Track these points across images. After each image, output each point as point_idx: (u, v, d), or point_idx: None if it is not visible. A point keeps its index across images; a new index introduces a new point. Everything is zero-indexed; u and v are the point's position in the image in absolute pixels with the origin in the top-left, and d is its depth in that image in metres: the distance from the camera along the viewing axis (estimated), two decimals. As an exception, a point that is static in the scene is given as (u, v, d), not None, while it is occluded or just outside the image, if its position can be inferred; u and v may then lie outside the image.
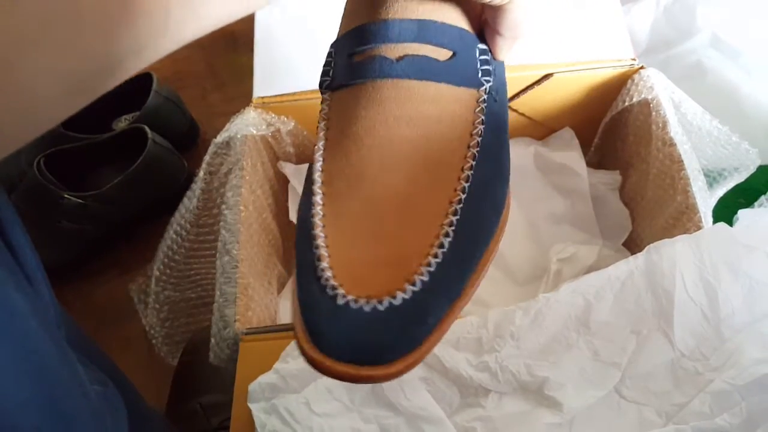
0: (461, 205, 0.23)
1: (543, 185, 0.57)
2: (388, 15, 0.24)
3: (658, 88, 0.50)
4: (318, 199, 0.24)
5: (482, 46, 0.25)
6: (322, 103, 0.27)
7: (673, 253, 0.37)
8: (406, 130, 0.24)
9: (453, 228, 0.22)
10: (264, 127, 0.53)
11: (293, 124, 0.55)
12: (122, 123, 0.77)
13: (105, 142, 0.71)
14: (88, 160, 0.71)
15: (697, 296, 0.36)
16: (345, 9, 0.27)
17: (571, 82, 0.53)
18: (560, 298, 0.37)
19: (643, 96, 0.50)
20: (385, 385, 0.36)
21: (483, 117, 0.24)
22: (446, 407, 0.36)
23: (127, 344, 0.65)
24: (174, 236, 0.54)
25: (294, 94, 0.53)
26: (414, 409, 0.35)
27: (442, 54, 0.24)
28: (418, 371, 0.37)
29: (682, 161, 0.46)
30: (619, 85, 0.53)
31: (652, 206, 0.50)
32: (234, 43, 0.89)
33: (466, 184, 0.23)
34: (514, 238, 0.56)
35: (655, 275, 0.37)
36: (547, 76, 0.52)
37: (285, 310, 0.53)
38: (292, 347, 0.39)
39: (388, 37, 0.24)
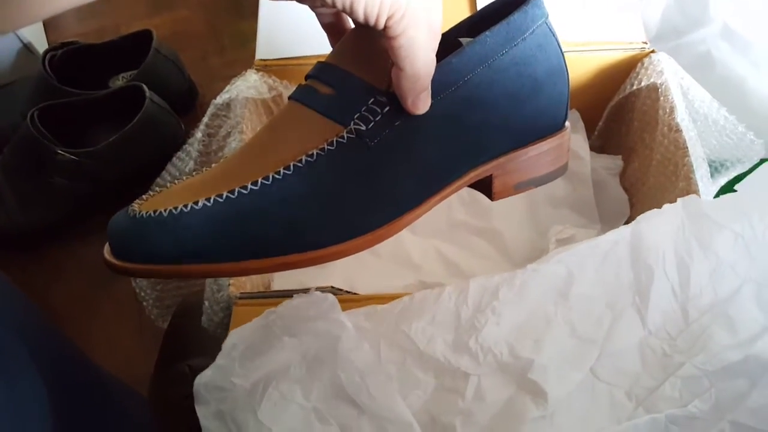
0: (244, 192, 0.27)
1: (545, 167, 0.57)
2: (325, 59, 0.31)
3: (667, 73, 0.49)
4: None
5: (382, 99, 0.28)
6: None
7: (661, 225, 0.36)
8: (267, 131, 0.31)
9: (219, 201, 0.27)
10: (265, 90, 0.52)
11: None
12: (119, 81, 0.76)
13: (101, 99, 0.69)
14: (83, 116, 0.69)
15: (670, 272, 0.35)
16: None
17: (581, 63, 0.52)
18: (545, 268, 0.36)
19: (652, 80, 0.50)
20: (346, 380, 0.33)
21: (328, 147, 0.28)
22: (420, 394, 0.34)
23: (118, 306, 0.64)
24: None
25: (297, 58, 0.52)
26: (378, 408, 0.32)
27: (326, 89, 0.29)
28: (388, 353, 0.35)
29: (686, 148, 0.45)
30: (628, 68, 0.52)
31: (653, 192, 0.50)
32: (237, 6, 0.87)
33: (260, 181, 0.27)
34: (513, 219, 0.55)
35: (640, 248, 0.36)
36: (556, 55, 0.51)
37: (279, 277, 0.53)
38: (235, 336, 0.35)
39: (309, 73, 0.31)
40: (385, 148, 0.29)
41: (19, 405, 0.30)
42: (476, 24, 0.33)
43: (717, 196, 0.54)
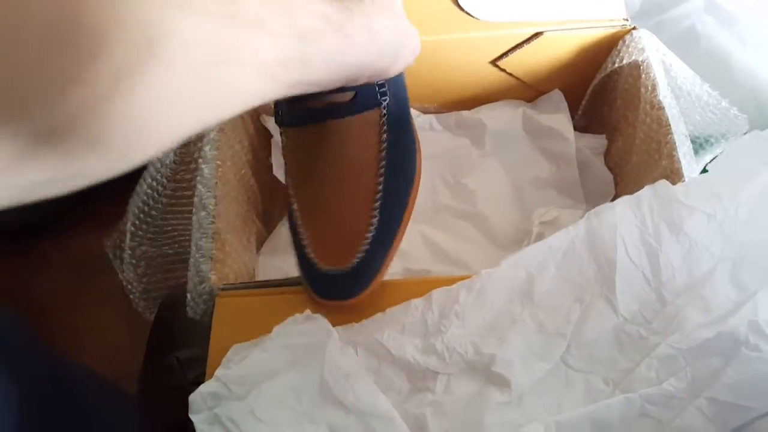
0: (381, 194, 0.37)
1: (530, 149, 0.57)
2: None
3: (649, 50, 0.49)
4: (295, 207, 0.40)
5: (382, 82, 0.37)
6: (281, 135, 0.41)
7: (613, 218, 0.36)
8: (336, 157, 0.37)
9: (378, 211, 0.37)
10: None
11: (275, 77, 0.53)
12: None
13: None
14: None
15: (638, 259, 0.36)
16: None
17: (562, 42, 0.52)
18: (502, 272, 0.37)
19: (633, 58, 0.49)
20: (333, 383, 0.35)
21: (385, 121, 0.36)
22: (396, 395, 0.36)
23: (104, 298, 0.64)
24: (148, 191, 0.52)
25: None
26: (363, 406, 0.34)
27: (347, 96, 0.36)
28: (366, 361, 0.37)
29: (669, 125, 0.45)
30: (609, 46, 0.52)
31: (637, 171, 0.50)
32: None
33: (381, 179, 0.36)
34: (499, 202, 0.55)
35: (596, 241, 0.36)
36: (537, 35, 0.51)
37: (264, 268, 0.52)
38: (233, 351, 0.37)
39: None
40: (397, 108, 0.39)
41: None
42: None
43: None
